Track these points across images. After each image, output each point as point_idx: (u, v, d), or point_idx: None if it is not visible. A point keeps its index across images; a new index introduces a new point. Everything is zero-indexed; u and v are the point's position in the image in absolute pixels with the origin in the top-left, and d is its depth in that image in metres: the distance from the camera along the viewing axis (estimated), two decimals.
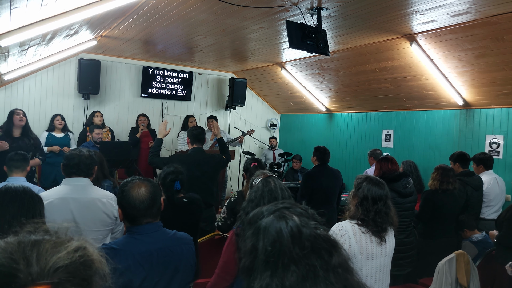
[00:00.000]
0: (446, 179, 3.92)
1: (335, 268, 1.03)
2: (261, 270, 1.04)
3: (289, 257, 1.02)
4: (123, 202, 1.86)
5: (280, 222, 1.07)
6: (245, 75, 8.49)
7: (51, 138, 5.95)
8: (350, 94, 7.04)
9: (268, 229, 1.07)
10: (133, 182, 1.88)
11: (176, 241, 1.94)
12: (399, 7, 4.00)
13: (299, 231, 1.05)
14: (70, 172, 2.58)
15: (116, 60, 7.53)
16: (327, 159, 4.63)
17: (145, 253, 1.80)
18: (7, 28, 3.38)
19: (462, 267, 3.00)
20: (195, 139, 4.09)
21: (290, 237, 1.04)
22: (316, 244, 1.04)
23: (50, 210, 2.35)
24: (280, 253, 1.03)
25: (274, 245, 1.04)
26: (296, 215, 1.10)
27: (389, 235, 2.44)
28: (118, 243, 1.83)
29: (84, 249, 0.78)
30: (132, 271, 1.73)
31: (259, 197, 2.17)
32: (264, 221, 1.10)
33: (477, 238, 4.02)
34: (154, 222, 1.89)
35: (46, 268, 0.71)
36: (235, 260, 2.14)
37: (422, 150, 6.26)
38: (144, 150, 6.96)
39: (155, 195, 1.88)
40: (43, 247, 0.74)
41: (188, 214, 2.94)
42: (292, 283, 0.99)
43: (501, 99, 5.17)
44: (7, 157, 3.42)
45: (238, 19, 4.61)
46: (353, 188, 2.49)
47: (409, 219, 3.59)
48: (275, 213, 1.11)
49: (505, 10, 3.88)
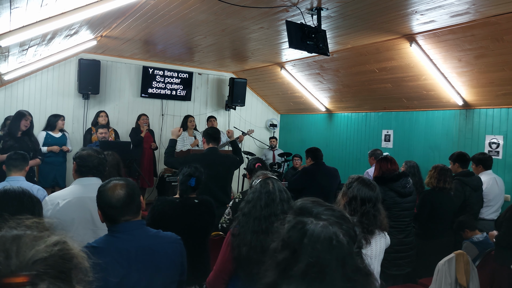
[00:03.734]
0: (443, 178, 3.94)
1: None
2: (299, 280, 1.03)
3: (329, 278, 1.01)
4: (101, 203, 1.86)
5: (328, 239, 1.05)
6: (245, 75, 8.49)
7: (50, 138, 5.96)
8: (350, 94, 7.04)
9: (315, 239, 1.05)
10: (110, 183, 1.88)
11: (159, 239, 1.92)
12: (399, 7, 4.00)
13: (344, 257, 1.04)
14: (88, 172, 2.55)
15: (116, 60, 7.53)
16: (321, 156, 4.70)
17: (122, 250, 1.79)
18: (7, 28, 3.39)
19: (462, 267, 3.00)
20: (211, 139, 4.17)
21: (334, 260, 1.03)
22: (355, 274, 1.05)
23: (69, 209, 2.38)
24: (321, 272, 1.02)
25: (318, 260, 1.02)
26: (344, 235, 1.07)
27: (376, 239, 2.41)
28: (97, 241, 1.84)
29: (64, 243, 0.81)
30: (109, 269, 1.71)
31: (256, 198, 2.17)
32: (313, 226, 1.07)
33: (478, 239, 4.02)
34: (133, 220, 1.87)
35: (25, 261, 0.74)
36: (231, 260, 2.15)
37: (422, 150, 6.27)
38: (147, 151, 6.99)
39: (133, 193, 1.87)
40: (23, 241, 0.77)
41: (197, 215, 2.89)
42: None
43: (500, 99, 5.18)
44: (7, 156, 3.43)
45: (238, 19, 4.62)
46: (344, 187, 2.48)
47: (408, 219, 3.59)
48: (325, 223, 1.08)
49: (505, 10, 3.89)
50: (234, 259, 2.13)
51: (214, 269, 2.26)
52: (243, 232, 2.13)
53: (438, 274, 3.00)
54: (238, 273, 2.16)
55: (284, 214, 2.12)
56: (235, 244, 2.13)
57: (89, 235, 2.37)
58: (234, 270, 2.17)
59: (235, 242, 2.13)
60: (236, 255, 2.12)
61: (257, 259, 2.07)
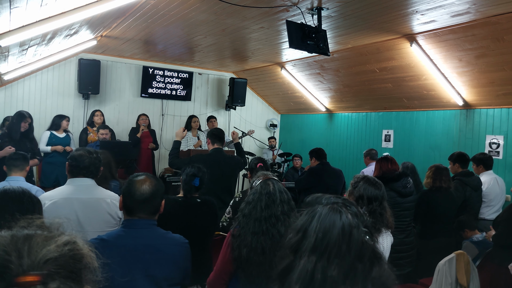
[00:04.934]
0: (438, 177, 3.93)
1: (374, 279, 1.07)
2: (309, 253, 1.09)
3: (336, 250, 1.07)
4: (125, 191, 1.92)
5: (335, 215, 1.12)
6: (245, 75, 8.49)
7: (54, 137, 5.95)
8: (350, 94, 7.04)
9: (323, 217, 1.12)
10: (142, 176, 1.95)
11: (169, 240, 1.94)
12: (399, 7, 4.00)
13: (350, 231, 1.10)
14: (79, 173, 2.53)
15: (116, 60, 7.53)
16: (325, 155, 4.72)
17: (130, 246, 1.82)
18: (7, 28, 3.38)
19: (462, 267, 2.99)
20: (216, 139, 4.19)
21: (341, 233, 1.09)
22: (362, 249, 1.09)
23: (54, 210, 2.35)
24: (329, 244, 1.08)
25: (325, 234, 1.09)
26: (351, 215, 1.14)
27: (383, 237, 2.42)
28: (109, 235, 1.88)
29: (74, 243, 0.82)
30: (115, 264, 1.73)
31: (257, 199, 2.16)
32: (321, 209, 1.15)
33: (478, 239, 4.02)
34: (147, 219, 1.90)
35: (36, 260, 0.75)
36: (231, 261, 2.15)
37: (422, 150, 6.26)
38: (145, 151, 6.96)
39: (156, 194, 1.90)
40: (34, 241, 0.78)
41: (199, 215, 2.89)
42: (334, 276, 1.04)
43: (501, 99, 5.17)
44: (7, 156, 3.46)
45: (238, 19, 4.61)
46: (349, 187, 2.49)
47: (408, 219, 3.59)
48: (333, 205, 1.16)
49: (505, 10, 3.88)
50: (234, 260, 2.13)
51: (214, 269, 2.26)
52: (243, 233, 2.12)
53: (438, 274, 2.99)
54: (238, 274, 2.16)
55: (284, 215, 2.13)
56: (235, 245, 2.12)
57: None
58: (234, 271, 2.17)
59: (235, 243, 2.13)
60: (236, 256, 2.11)
61: (257, 261, 2.06)
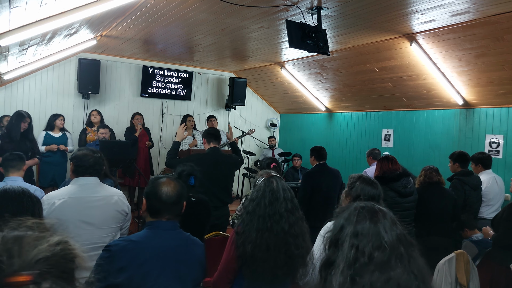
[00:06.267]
0: (428, 174, 3.98)
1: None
2: (368, 269, 1.12)
3: (395, 256, 1.13)
4: (151, 194, 1.92)
5: (378, 227, 1.18)
6: (245, 74, 8.49)
7: (49, 137, 5.96)
8: (350, 94, 7.04)
9: (368, 235, 1.17)
10: (164, 178, 1.96)
11: (192, 241, 1.99)
12: (399, 6, 4.00)
13: (398, 235, 1.18)
14: (85, 172, 2.56)
15: (116, 60, 7.52)
16: (325, 156, 4.69)
17: (162, 247, 1.85)
18: (7, 27, 3.38)
19: (462, 267, 3.00)
20: (212, 138, 4.17)
21: (396, 239, 1.16)
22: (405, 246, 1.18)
23: (64, 209, 2.39)
24: (387, 256, 1.13)
25: (379, 249, 1.14)
26: (387, 220, 1.20)
27: None
28: (137, 236, 1.89)
29: (65, 243, 0.82)
30: (149, 264, 1.78)
31: (260, 196, 2.19)
32: (361, 226, 1.19)
33: (477, 238, 4.02)
34: (173, 220, 1.94)
35: (27, 260, 0.75)
36: (235, 259, 2.15)
37: (422, 149, 6.26)
38: (142, 150, 6.95)
39: (181, 195, 1.94)
40: (25, 241, 0.78)
41: (194, 214, 2.89)
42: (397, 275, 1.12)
43: (501, 99, 5.17)
44: (3, 157, 3.45)
45: (238, 18, 4.61)
46: (346, 187, 2.49)
47: (409, 219, 3.58)
48: (372, 219, 1.20)
49: (505, 9, 3.88)
50: (238, 257, 2.15)
51: (218, 269, 2.27)
52: (247, 230, 2.14)
53: (438, 273, 3.00)
54: (243, 271, 2.17)
55: (288, 212, 2.15)
56: (240, 242, 2.14)
57: (85, 235, 2.37)
58: (239, 269, 2.18)
59: (240, 240, 2.15)
60: (241, 253, 2.13)
61: (262, 257, 2.09)
